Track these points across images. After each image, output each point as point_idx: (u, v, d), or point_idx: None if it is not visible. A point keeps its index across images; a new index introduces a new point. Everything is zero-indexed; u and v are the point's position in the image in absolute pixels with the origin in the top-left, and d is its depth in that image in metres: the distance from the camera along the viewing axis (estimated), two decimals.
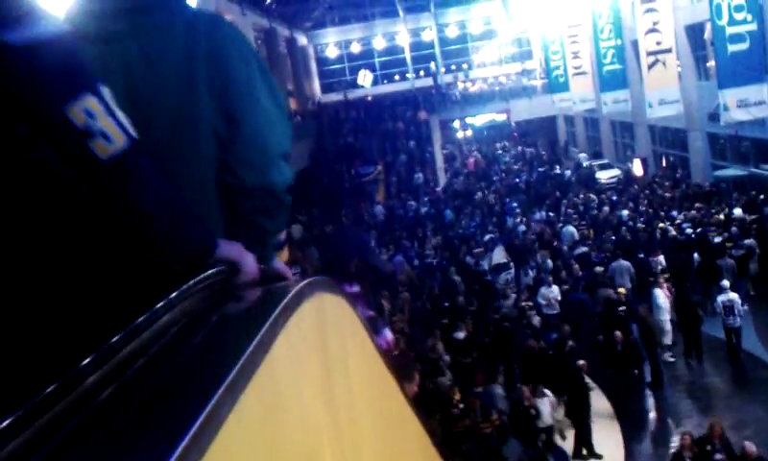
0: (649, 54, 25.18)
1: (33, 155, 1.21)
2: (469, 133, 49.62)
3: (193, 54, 1.69)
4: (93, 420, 0.84)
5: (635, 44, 27.62)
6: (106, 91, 1.25)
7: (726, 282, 15.35)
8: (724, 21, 19.66)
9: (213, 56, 1.71)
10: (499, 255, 22.47)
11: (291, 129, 1.94)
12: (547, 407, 11.83)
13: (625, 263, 17.32)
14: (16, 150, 1.21)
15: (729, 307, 14.90)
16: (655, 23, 24.97)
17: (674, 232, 19.77)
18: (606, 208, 24.95)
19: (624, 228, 21.19)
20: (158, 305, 1.11)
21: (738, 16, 19.50)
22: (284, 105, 1.93)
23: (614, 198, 27.21)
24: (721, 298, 15.06)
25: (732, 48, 19.65)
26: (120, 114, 1.26)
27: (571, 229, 22.49)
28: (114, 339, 0.97)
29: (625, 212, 23.55)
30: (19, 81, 1.16)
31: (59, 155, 1.22)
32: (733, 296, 15.06)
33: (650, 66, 25.21)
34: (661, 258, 17.55)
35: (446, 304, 16.53)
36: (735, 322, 14.80)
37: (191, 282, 1.22)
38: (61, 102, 1.18)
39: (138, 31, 1.68)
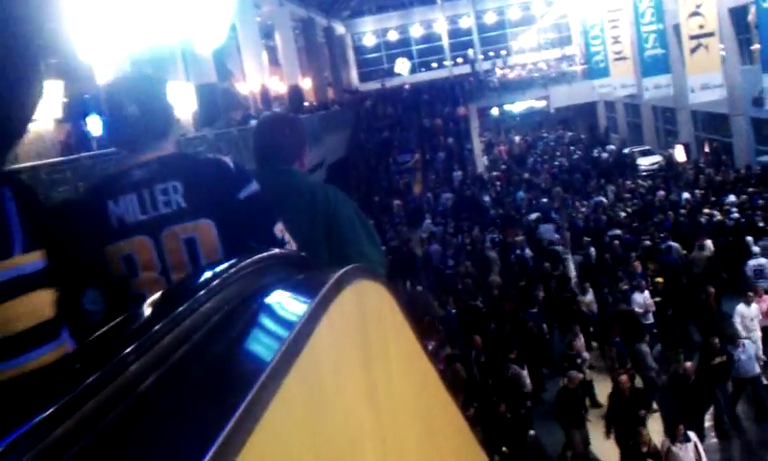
0: (691, 38, 24.72)
1: None
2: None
3: (315, 211, 2.95)
4: (137, 407, 0.85)
5: (676, 28, 27.14)
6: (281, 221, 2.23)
7: (756, 249, 15.42)
8: None
9: (329, 210, 2.96)
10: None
11: (381, 250, 3.35)
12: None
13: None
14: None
15: (758, 271, 14.93)
16: (697, 6, 24.49)
17: (720, 217, 19.35)
18: (661, 192, 24.29)
19: (681, 211, 20.69)
20: (202, 291, 1.12)
21: None
22: (374, 234, 3.12)
23: (661, 184, 26.62)
24: (751, 262, 15.10)
25: None
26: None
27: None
28: (158, 326, 0.98)
29: (686, 195, 22.95)
30: (241, 216, 2.10)
31: None
32: (764, 260, 15.08)
33: (692, 51, 24.76)
34: (709, 243, 16.87)
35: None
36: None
37: (235, 268, 1.24)
38: (270, 224, 2.17)
39: (290, 195, 2.88)
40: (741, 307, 13.41)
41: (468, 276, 17.85)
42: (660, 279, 15.60)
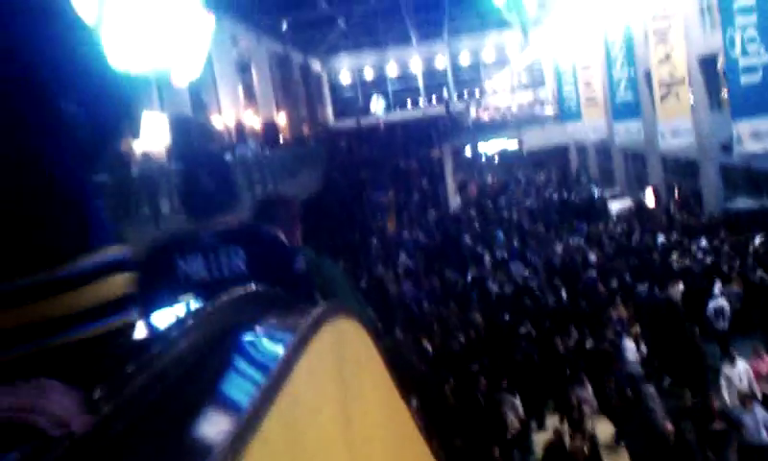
0: (662, 85, 25.22)
1: None
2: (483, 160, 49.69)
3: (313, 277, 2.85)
4: (108, 449, 0.83)
5: (647, 74, 27.67)
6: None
7: (717, 290, 15.73)
8: (737, 53, 19.68)
9: (324, 278, 3.02)
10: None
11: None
12: None
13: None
14: None
15: (719, 312, 15.21)
16: (667, 55, 25.03)
17: (688, 262, 19.60)
18: (636, 236, 24.47)
19: (653, 255, 20.91)
20: (187, 323, 1.11)
21: (752, 48, 19.52)
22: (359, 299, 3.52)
23: (636, 226, 26.86)
24: (711, 304, 15.36)
25: (745, 80, 19.64)
26: None
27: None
28: (131, 367, 0.96)
29: (660, 238, 23.29)
30: (293, 287, 2.29)
31: None
32: (723, 301, 15.37)
33: (663, 97, 25.24)
34: (680, 286, 16.70)
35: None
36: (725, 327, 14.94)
37: (220, 301, 1.24)
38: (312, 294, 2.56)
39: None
40: (726, 370, 12.26)
41: (449, 316, 17.83)
42: (636, 330, 15.13)
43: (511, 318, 16.95)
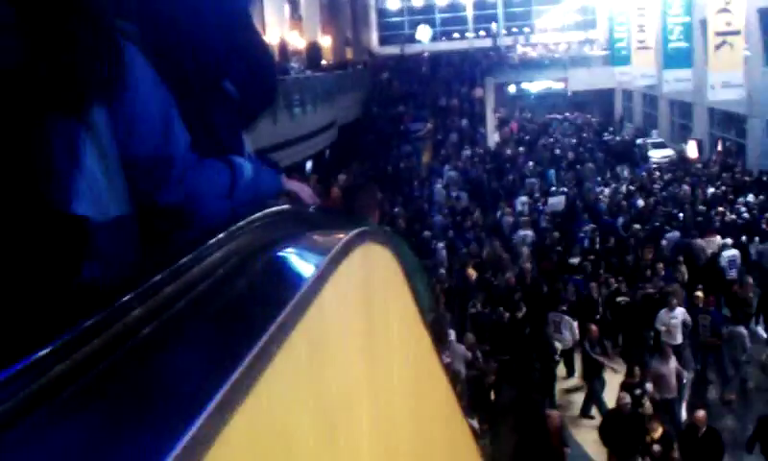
0: (717, 34, 24.48)
1: None
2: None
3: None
4: (139, 352, 0.85)
5: (703, 23, 26.87)
6: None
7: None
8: None
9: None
10: None
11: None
12: None
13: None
14: None
15: (732, 262, 15.33)
16: (727, 3, 24.24)
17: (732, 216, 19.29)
18: (686, 187, 23.80)
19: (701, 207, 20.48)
20: (211, 242, 1.12)
21: None
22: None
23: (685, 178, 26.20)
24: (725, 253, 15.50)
25: None
26: None
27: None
28: (161, 275, 0.98)
29: (711, 190, 22.82)
30: None
31: None
32: (735, 252, 15.52)
33: (717, 47, 24.53)
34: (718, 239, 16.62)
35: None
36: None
37: (245, 221, 1.25)
38: None
39: None
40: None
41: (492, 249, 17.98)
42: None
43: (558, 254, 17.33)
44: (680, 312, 13.05)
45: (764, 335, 13.97)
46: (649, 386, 11.53)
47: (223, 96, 1.72)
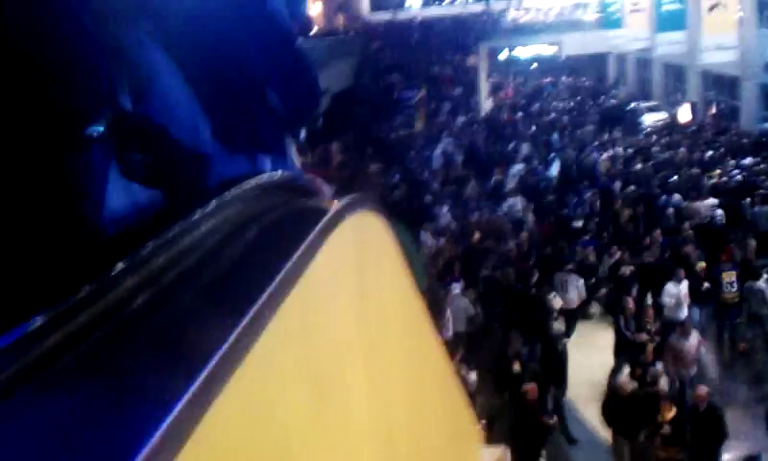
0: (710, 4, 24.37)
1: None
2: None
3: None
4: (129, 325, 0.86)
5: None
6: None
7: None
8: None
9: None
10: None
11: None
12: None
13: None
14: None
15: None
16: None
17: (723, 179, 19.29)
18: (683, 149, 23.51)
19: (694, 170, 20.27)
20: (204, 211, 1.13)
21: None
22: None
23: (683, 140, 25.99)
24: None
25: None
26: None
27: None
28: (153, 245, 0.98)
29: (709, 153, 22.53)
30: None
31: None
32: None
33: (710, 9, 24.41)
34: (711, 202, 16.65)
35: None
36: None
37: (238, 189, 1.25)
38: None
39: None
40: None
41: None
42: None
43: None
44: (686, 284, 12.67)
45: None
46: (659, 365, 10.97)
47: (265, 102, 1.85)
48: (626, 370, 10.57)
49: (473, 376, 10.57)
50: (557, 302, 12.87)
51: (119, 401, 0.70)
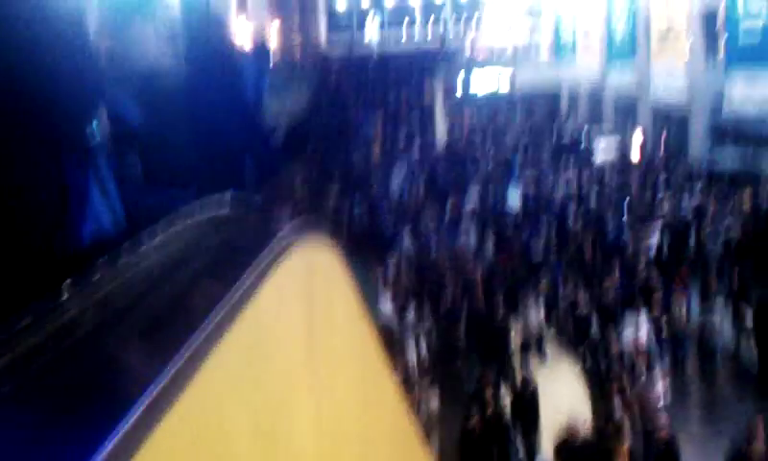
0: (660, 32, 24.96)
1: None
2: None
3: None
4: (80, 348, 0.87)
5: (646, 20, 27.33)
6: None
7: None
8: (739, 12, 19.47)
9: None
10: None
11: None
12: None
13: None
14: None
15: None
16: (667, 5, 24.73)
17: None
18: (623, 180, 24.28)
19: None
20: (159, 237, 1.14)
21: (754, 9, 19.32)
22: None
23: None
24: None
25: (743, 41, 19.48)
26: None
27: None
28: (99, 275, 0.99)
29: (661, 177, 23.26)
30: None
31: None
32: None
33: (659, 42, 24.98)
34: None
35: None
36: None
37: (195, 219, 1.26)
38: None
39: None
40: None
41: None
42: None
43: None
44: (645, 318, 12.43)
45: None
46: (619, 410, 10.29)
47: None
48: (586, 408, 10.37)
49: (435, 402, 10.55)
50: (517, 330, 13.12)
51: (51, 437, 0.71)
